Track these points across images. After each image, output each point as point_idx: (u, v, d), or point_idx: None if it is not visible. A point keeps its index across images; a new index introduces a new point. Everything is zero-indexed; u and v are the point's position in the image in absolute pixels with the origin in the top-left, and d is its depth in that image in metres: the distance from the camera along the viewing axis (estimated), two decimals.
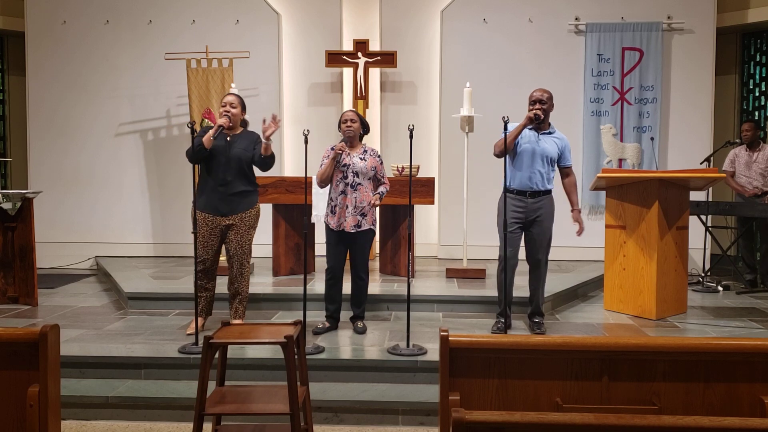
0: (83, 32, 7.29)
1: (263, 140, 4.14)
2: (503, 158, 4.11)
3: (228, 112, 4.21)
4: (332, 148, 4.34)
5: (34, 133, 7.36)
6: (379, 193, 4.35)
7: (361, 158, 4.35)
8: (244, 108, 4.36)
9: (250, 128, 4.49)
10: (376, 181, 4.43)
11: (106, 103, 7.31)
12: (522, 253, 4.43)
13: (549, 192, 4.38)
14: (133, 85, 7.29)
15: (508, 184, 4.29)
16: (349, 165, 4.32)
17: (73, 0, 7.28)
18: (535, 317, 4.51)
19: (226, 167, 4.23)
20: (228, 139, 4.26)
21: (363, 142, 4.51)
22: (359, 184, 4.33)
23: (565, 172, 4.46)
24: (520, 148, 4.33)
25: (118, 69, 7.29)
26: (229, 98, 4.29)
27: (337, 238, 4.36)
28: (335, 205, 4.32)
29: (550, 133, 4.40)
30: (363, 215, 4.34)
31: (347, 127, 4.33)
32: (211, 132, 4.15)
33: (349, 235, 4.35)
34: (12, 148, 8.24)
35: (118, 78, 7.30)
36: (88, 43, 7.29)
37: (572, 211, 4.47)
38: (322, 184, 4.34)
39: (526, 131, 4.34)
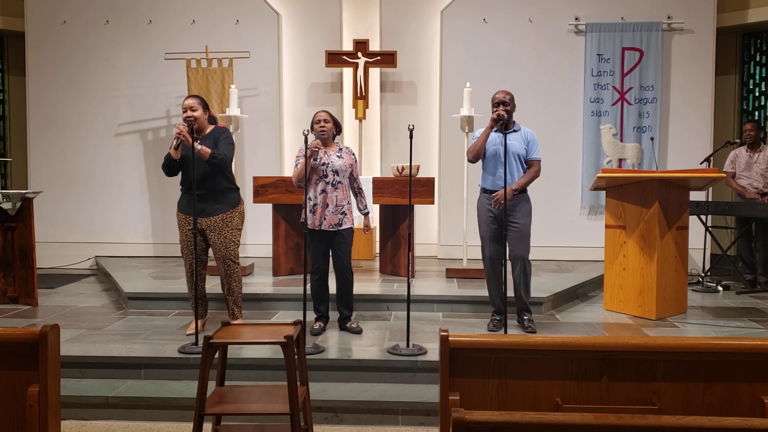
0: (83, 32, 7.29)
1: (196, 146, 4.08)
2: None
3: (190, 116, 4.18)
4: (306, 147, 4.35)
5: (34, 133, 7.36)
6: (366, 213, 4.52)
7: (338, 156, 4.38)
8: (206, 107, 4.34)
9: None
10: (351, 179, 4.46)
11: (106, 103, 7.31)
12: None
13: (524, 190, 4.46)
14: (133, 85, 7.29)
15: (482, 184, 4.55)
16: (328, 164, 4.32)
17: (73, 0, 7.28)
18: (524, 314, 4.56)
19: (198, 170, 4.18)
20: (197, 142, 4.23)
21: (336, 141, 4.52)
22: (339, 182, 4.35)
23: (530, 164, 4.50)
24: (488, 151, 4.49)
25: (118, 69, 7.29)
26: (188, 102, 4.25)
27: (317, 237, 4.35)
28: (315, 204, 4.31)
29: (515, 131, 4.48)
30: (344, 213, 4.36)
31: (320, 128, 4.33)
32: (174, 143, 4.17)
33: (328, 234, 4.35)
34: (12, 148, 8.24)
35: (118, 78, 7.30)
36: (88, 43, 7.29)
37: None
38: (299, 183, 4.34)
39: (492, 133, 4.45)
